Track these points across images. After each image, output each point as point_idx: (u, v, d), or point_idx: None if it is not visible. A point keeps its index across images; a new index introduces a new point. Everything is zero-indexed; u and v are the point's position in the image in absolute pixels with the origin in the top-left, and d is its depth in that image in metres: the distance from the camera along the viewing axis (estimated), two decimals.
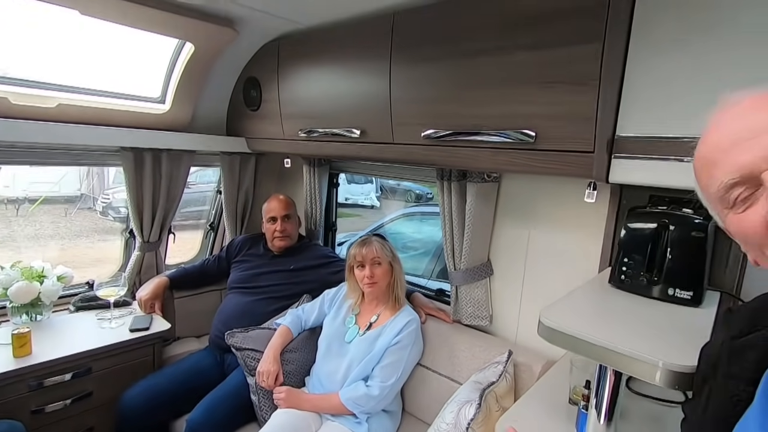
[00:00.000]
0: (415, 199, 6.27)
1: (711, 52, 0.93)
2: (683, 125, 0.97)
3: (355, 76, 1.62)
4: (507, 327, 1.69)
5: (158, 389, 1.68)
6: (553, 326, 0.83)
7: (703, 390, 0.58)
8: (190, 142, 2.07)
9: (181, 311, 2.18)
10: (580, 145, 1.10)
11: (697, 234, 1.02)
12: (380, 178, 5.45)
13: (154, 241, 2.16)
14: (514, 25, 1.17)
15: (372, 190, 7.35)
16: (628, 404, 1.08)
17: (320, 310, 1.81)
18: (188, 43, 1.81)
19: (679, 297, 0.99)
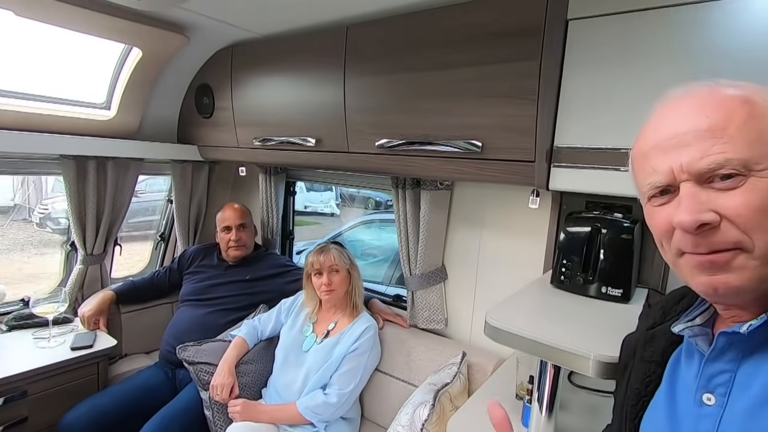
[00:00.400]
0: (375, 206, 6.31)
1: (635, 71, 1.03)
2: (614, 137, 1.07)
3: (310, 86, 1.63)
4: (461, 329, 1.75)
5: (102, 410, 1.59)
6: (497, 326, 0.88)
7: (625, 374, 0.65)
8: (137, 149, 1.99)
9: (129, 327, 2.08)
10: (522, 155, 1.17)
11: (626, 236, 1.11)
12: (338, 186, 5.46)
13: (99, 253, 2.05)
14: (458, 42, 1.23)
15: (332, 198, 7.31)
16: (570, 397, 1.16)
17: (277, 320, 1.79)
18: (135, 48, 1.75)
19: (611, 294, 1.08)
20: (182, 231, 2.36)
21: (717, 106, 0.47)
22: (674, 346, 0.59)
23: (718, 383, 0.48)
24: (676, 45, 0.98)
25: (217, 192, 2.52)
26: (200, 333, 1.82)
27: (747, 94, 0.47)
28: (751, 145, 0.44)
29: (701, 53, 0.94)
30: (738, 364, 0.48)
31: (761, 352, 0.46)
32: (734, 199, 0.45)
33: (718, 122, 0.46)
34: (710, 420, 0.48)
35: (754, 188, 0.44)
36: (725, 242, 0.45)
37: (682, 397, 0.54)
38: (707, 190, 0.46)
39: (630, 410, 0.61)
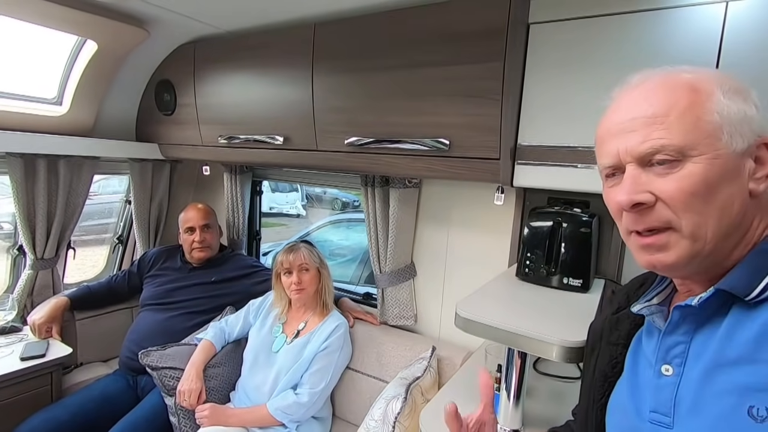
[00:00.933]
0: (342, 206, 6.28)
1: (591, 75, 1.09)
2: (573, 136, 1.13)
3: (277, 83, 1.61)
4: (431, 324, 1.79)
5: (56, 423, 1.50)
6: (467, 317, 0.91)
7: (592, 357, 0.69)
8: (92, 147, 1.89)
9: (85, 334, 1.97)
10: (488, 153, 1.21)
11: (584, 230, 1.18)
12: (306, 186, 5.39)
13: (50, 257, 1.94)
14: (426, 43, 1.26)
15: (297, 199, 7.21)
16: (536, 384, 1.21)
17: (245, 321, 1.76)
18: (90, 41, 1.67)
19: (571, 285, 1.14)
20: (142, 233, 2.27)
21: (662, 94, 0.51)
22: (637, 328, 0.63)
23: (675, 354, 0.52)
24: (627, 52, 1.05)
25: (179, 192, 2.44)
26: (164, 338, 1.76)
27: (695, 81, 0.51)
28: (687, 132, 0.48)
29: (649, 60, 1.02)
30: (692, 335, 0.52)
31: (712, 322, 0.50)
32: (669, 183, 0.49)
33: (661, 110, 0.50)
34: (669, 389, 0.52)
35: (688, 173, 0.49)
36: (658, 221, 0.50)
37: (643, 371, 0.58)
38: (648, 172, 0.51)
39: (597, 391, 0.65)
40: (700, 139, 0.48)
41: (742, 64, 0.92)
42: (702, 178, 0.48)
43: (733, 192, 0.49)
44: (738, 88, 0.50)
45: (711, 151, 0.48)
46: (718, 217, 0.49)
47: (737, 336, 0.47)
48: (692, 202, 0.48)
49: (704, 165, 0.48)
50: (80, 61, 1.74)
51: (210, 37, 1.80)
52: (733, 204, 0.49)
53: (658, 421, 0.52)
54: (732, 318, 0.48)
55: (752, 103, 0.50)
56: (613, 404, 0.63)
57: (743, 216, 0.50)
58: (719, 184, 0.48)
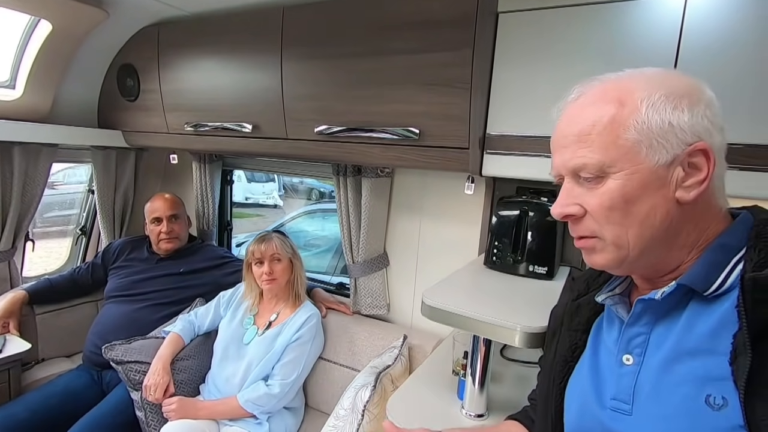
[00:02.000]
0: (319, 196, 6.22)
1: (557, 65, 1.10)
2: (540, 126, 1.14)
3: (245, 69, 1.57)
4: (403, 313, 1.80)
5: (15, 420, 1.45)
6: (432, 305, 0.91)
7: (553, 342, 0.71)
8: (49, 134, 1.80)
9: (46, 329, 1.90)
10: (457, 142, 1.22)
11: (550, 219, 1.20)
12: (279, 175, 5.30)
13: (6, 249, 1.85)
14: (396, 29, 1.24)
15: (274, 189, 7.10)
16: (502, 370, 1.24)
17: (215, 313, 1.73)
18: (44, 21, 1.57)
19: (537, 272, 1.17)
20: (106, 224, 2.19)
21: (589, 112, 0.53)
22: (597, 315, 0.66)
23: (635, 345, 0.55)
24: (592, 42, 1.06)
25: (146, 182, 2.36)
26: (130, 330, 1.71)
27: (623, 94, 0.51)
28: (606, 150, 0.51)
29: (613, 50, 1.03)
30: (652, 327, 0.54)
31: (671, 316, 0.52)
32: (592, 198, 0.53)
33: (584, 129, 0.52)
34: (629, 377, 0.54)
35: (607, 189, 0.51)
36: (586, 230, 0.55)
37: (604, 358, 0.60)
38: (581, 186, 0.54)
39: (557, 374, 0.67)
40: (619, 156, 0.50)
41: (701, 55, 0.95)
42: (619, 193, 0.50)
43: (656, 203, 0.50)
44: (675, 93, 0.50)
45: (629, 166, 0.50)
46: (639, 227, 0.51)
47: (696, 328, 0.49)
48: (611, 215, 0.52)
49: (622, 181, 0.50)
50: (33, 42, 1.64)
51: (174, 20, 1.73)
52: (656, 214, 0.50)
53: (618, 408, 0.54)
54: (690, 311, 0.50)
55: (686, 110, 0.49)
56: (572, 388, 0.64)
57: (670, 223, 0.51)
58: (639, 197, 0.50)
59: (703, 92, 0.51)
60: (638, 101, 0.50)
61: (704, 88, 0.52)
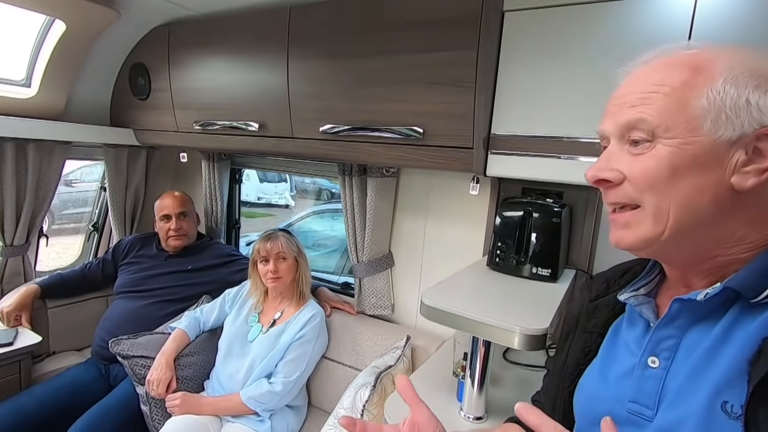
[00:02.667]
0: (330, 197, 6.24)
1: (565, 65, 1.08)
2: (546, 126, 1.12)
3: (252, 68, 1.58)
4: (408, 314, 1.79)
5: (24, 411, 1.48)
6: (431, 305, 0.91)
7: (566, 344, 0.68)
8: (63, 132, 1.84)
9: (58, 322, 1.94)
10: (461, 142, 1.20)
11: (555, 220, 1.18)
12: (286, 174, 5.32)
13: (20, 244, 1.89)
14: (401, 28, 1.24)
15: (286, 189, 7.15)
16: (503, 373, 1.22)
17: (221, 311, 1.74)
18: (59, 21, 1.61)
19: (540, 274, 1.15)
20: (117, 221, 2.23)
21: (661, 73, 0.49)
22: (615, 317, 0.62)
23: (664, 348, 0.51)
24: (600, 40, 1.04)
25: (157, 180, 2.39)
26: (137, 326, 1.73)
27: (704, 62, 0.47)
28: (667, 112, 0.46)
29: (622, 48, 1.01)
30: (684, 330, 0.50)
31: (707, 320, 0.48)
32: (636, 164, 0.49)
33: (650, 87, 0.48)
34: (654, 382, 0.50)
35: (655, 154, 0.47)
36: (623, 196, 0.50)
37: (624, 360, 0.56)
38: (625, 148, 0.50)
39: (567, 377, 0.64)
40: (679, 122, 0.46)
41: None
42: (667, 162, 0.46)
43: (705, 183, 0.46)
44: (761, 74, 0.45)
45: (686, 136, 0.46)
46: (682, 205, 0.47)
47: (732, 336, 0.45)
48: (654, 184, 0.47)
49: (673, 149, 0.46)
50: (49, 41, 1.68)
51: (184, 20, 1.75)
52: (702, 196, 0.46)
53: (638, 413, 0.51)
54: (730, 317, 0.46)
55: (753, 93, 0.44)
56: (583, 390, 0.62)
57: (717, 210, 0.47)
58: (687, 172, 0.46)
59: None
60: (720, 71, 0.46)
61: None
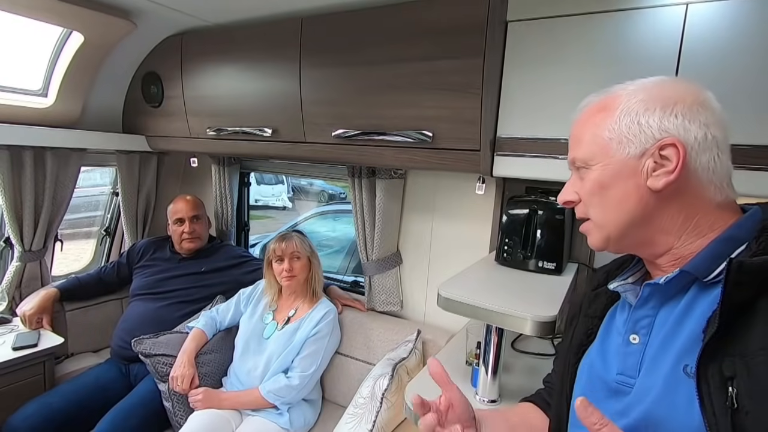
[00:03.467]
0: (329, 198, 6.29)
1: (565, 71, 1.16)
2: (548, 129, 1.20)
3: (265, 76, 1.65)
4: (416, 310, 1.86)
5: (52, 409, 1.53)
6: (448, 297, 0.98)
7: (572, 326, 0.77)
8: (80, 139, 1.90)
9: (75, 325, 1.99)
10: (469, 144, 1.28)
11: (559, 217, 1.26)
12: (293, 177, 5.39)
13: (38, 249, 1.95)
14: (410, 38, 1.31)
15: (283, 191, 7.19)
16: (512, 361, 1.29)
17: (236, 310, 1.80)
18: (76, 33, 1.67)
19: (546, 268, 1.22)
20: (130, 225, 2.28)
21: (584, 120, 0.65)
22: (612, 303, 0.72)
23: (642, 326, 0.61)
24: (597, 49, 1.12)
25: (167, 184, 2.45)
26: (154, 326, 1.79)
27: (609, 102, 0.61)
28: (588, 147, 0.62)
29: (617, 57, 1.09)
30: (657, 310, 0.60)
31: (673, 300, 0.58)
32: (581, 186, 0.65)
33: (580, 129, 0.65)
34: (635, 356, 0.60)
35: (589, 178, 0.63)
36: (580, 212, 0.67)
37: (614, 339, 0.66)
38: (578, 175, 0.66)
39: (573, 355, 0.73)
40: (596, 152, 0.61)
41: (700, 61, 1.00)
42: (597, 181, 0.61)
43: (628, 189, 0.59)
44: (650, 98, 0.58)
45: (604, 159, 0.60)
46: (615, 210, 0.61)
47: (693, 310, 0.55)
48: (592, 199, 0.63)
49: (598, 171, 0.61)
50: (66, 52, 1.74)
51: (197, 30, 1.82)
52: (629, 199, 0.59)
53: (623, 382, 0.60)
54: (691, 295, 0.56)
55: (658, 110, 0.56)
56: (583, 365, 0.70)
57: (645, 208, 0.58)
58: (612, 184, 0.60)
59: (691, 95, 0.57)
60: (616, 107, 0.60)
61: (698, 91, 0.58)
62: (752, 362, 0.46)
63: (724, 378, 0.47)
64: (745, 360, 0.46)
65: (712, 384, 0.48)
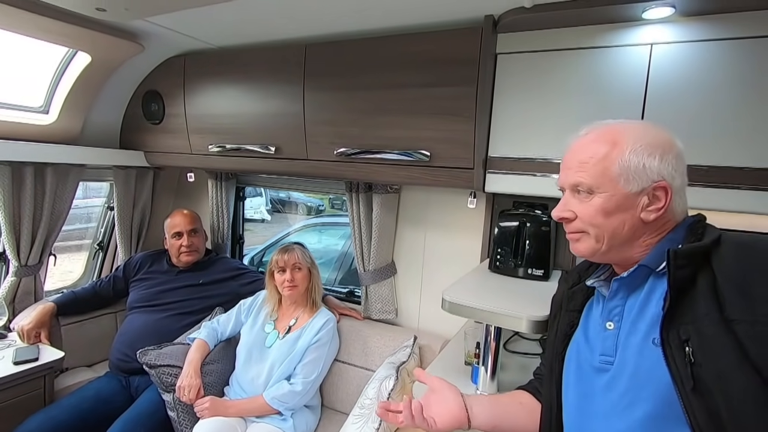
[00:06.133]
0: (308, 211, 6.32)
1: (549, 100, 1.31)
2: (535, 150, 1.34)
3: (269, 97, 1.74)
4: (410, 317, 1.96)
5: (55, 423, 1.55)
6: (453, 301, 1.09)
7: (555, 321, 0.90)
8: (80, 155, 1.94)
9: (70, 339, 1.99)
10: (463, 163, 1.41)
11: (545, 228, 1.40)
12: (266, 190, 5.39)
13: (34, 264, 1.95)
14: (410, 66, 1.44)
15: (262, 204, 7.16)
16: (505, 360, 1.41)
17: (237, 320, 1.86)
18: (82, 53, 1.72)
19: (534, 275, 1.36)
20: (124, 239, 2.30)
21: (591, 146, 0.74)
22: (588, 298, 0.85)
23: (615, 314, 0.75)
24: (574, 81, 1.28)
25: (161, 199, 2.49)
26: (155, 338, 1.82)
27: (617, 137, 0.72)
28: (596, 177, 0.72)
29: (591, 88, 1.25)
30: (625, 299, 0.74)
31: (637, 290, 0.73)
32: (583, 207, 0.74)
33: (585, 158, 0.73)
34: (612, 339, 0.74)
35: (593, 203, 0.72)
36: (576, 228, 0.76)
37: (593, 327, 0.79)
38: (575, 197, 0.75)
39: (559, 345, 0.85)
40: (604, 182, 0.71)
41: (664, 92, 1.16)
42: (601, 207, 0.72)
43: (626, 218, 0.71)
44: (651, 143, 0.70)
45: (610, 190, 0.71)
46: (612, 232, 0.72)
47: (652, 295, 0.70)
48: (593, 221, 0.73)
49: (604, 199, 0.71)
50: (71, 71, 1.79)
51: (201, 51, 1.90)
52: (624, 226, 0.71)
53: (605, 362, 0.74)
54: (649, 284, 0.71)
55: (658, 157, 0.69)
56: (570, 352, 0.83)
57: (634, 233, 0.72)
58: (614, 212, 0.71)
59: (675, 146, 0.72)
60: (625, 146, 0.70)
61: (676, 142, 0.73)
62: (701, 325, 0.61)
63: (682, 341, 0.62)
64: (696, 325, 0.61)
65: (674, 346, 0.62)
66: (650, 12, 1.13)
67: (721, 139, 1.11)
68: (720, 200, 1.11)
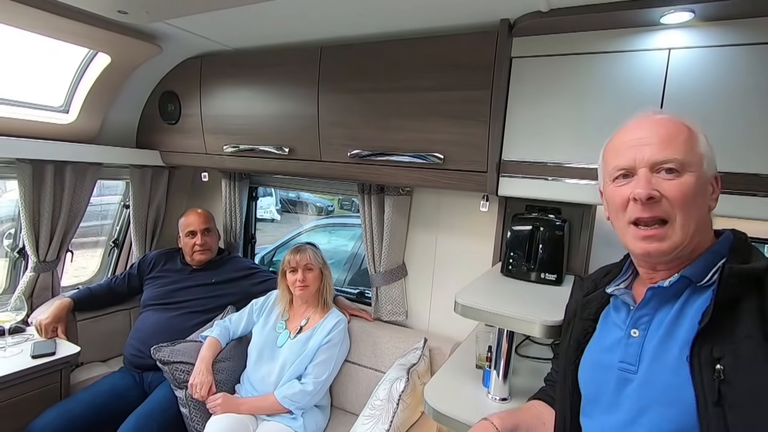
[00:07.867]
0: (317, 212, 6.36)
1: (562, 104, 1.31)
2: (548, 154, 1.34)
3: (284, 98, 1.76)
4: (421, 319, 1.97)
5: (71, 416, 1.58)
6: (465, 304, 1.09)
7: (568, 330, 0.89)
8: (99, 154, 1.97)
9: (85, 334, 2.03)
10: (477, 166, 1.41)
11: (558, 233, 1.39)
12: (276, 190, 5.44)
13: (52, 260, 2.00)
14: (424, 69, 1.45)
15: (272, 204, 7.21)
16: (517, 364, 1.40)
17: (249, 319, 1.88)
18: (102, 54, 1.76)
19: (547, 279, 1.35)
20: (139, 237, 2.34)
21: (671, 125, 0.72)
22: (603, 307, 0.84)
23: (642, 322, 0.73)
24: (590, 86, 1.27)
25: (175, 198, 2.52)
26: (168, 335, 1.85)
27: (690, 124, 0.73)
28: (687, 153, 0.69)
29: (609, 93, 1.24)
30: (655, 310, 0.73)
31: (669, 302, 0.72)
32: (672, 186, 0.68)
33: (671, 134, 0.70)
34: (636, 346, 0.73)
35: (685, 181, 0.68)
36: (662, 212, 0.69)
37: (614, 334, 0.78)
38: (655, 177, 0.70)
39: (572, 354, 0.85)
40: (694, 161, 0.69)
41: (682, 100, 1.16)
42: (693, 186, 0.68)
43: (703, 203, 0.70)
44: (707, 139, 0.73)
45: (699, 170, 0.69)
46: (696, 218, 0.69)
47: (687, 309, 0.69)
48: (684, 202, 0.67)
49: (695, 178, 0.68)
50: (91, 71, 1.83)
51: (217, 53, 1.93)
52: (702, 211, 0.70)
53: (626, 369, 0.73)
54: (685, 297, 0.70)
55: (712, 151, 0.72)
56: (586, 359, 0.83)
57: (705, 222, 0.71)
58: (698, 195, 0.69)
59: None
60: (698, 131, 0.72)
61: None
62: (739, 346, 0.60)
63: (713, 358, 0.61)
64: (733, 345, 0.60)
65: (703, 362, 0.61)
66: (668, 17, 1.12)
67: (738, 146, 1.10)
68: (735, 207, 1.10)
